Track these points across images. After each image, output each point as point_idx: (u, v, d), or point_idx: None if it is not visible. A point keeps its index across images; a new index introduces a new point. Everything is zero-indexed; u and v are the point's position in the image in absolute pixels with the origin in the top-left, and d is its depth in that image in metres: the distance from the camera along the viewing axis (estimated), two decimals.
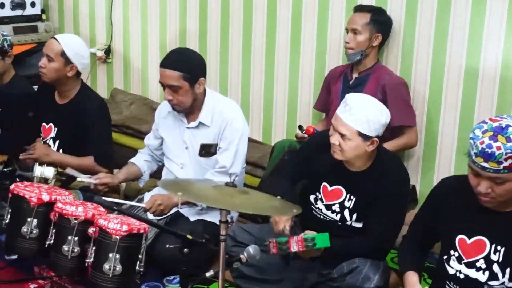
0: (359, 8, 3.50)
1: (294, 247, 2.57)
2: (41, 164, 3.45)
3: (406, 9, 3.58)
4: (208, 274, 2.39)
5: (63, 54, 3.51)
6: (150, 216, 3.15)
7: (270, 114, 4.17)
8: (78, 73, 3.61)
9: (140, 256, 2.78)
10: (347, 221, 2.76)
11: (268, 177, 3.38)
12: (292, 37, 3.99)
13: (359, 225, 2.75)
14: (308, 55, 3.96)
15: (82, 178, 3.34)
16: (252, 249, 2.40)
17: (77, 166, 3.51)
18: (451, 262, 2.33)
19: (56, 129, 3.66)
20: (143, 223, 2.77)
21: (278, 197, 2.55)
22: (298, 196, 3.03)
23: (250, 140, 3.96)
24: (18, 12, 4.85)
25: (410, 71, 3.63)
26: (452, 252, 2.33)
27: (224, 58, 4.29)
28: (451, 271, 2.33)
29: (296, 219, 2.84)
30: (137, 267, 2.77)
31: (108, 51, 4.83)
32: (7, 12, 4.79)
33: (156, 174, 3.55)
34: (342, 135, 2.61)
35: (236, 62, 4.24)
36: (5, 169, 3.47)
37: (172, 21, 4.48)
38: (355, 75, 3.53)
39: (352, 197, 2.74)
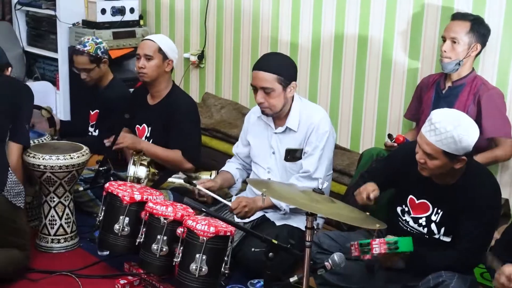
0: (459, 16, 3.38)
1: (376, 249, 2.49)
2: (134, 164, 3.58)
3: (505, 18, 3.47)
4: (292, 280, 2.40)
5: (160, 50, 3.64)
6: (235, 218, 3.19)
7: (359, 121, 4.14)
8: (171, 71, 3.73)
9: (225, 258, 2.83)
10: (434, 234, 2.70)
11: (355, 185, 3.35)
12: (384, 44, 3.95)
13: (448, 239, 2.68)
14: (400, 62, 3.90)
15: (185, 184, 3.42)
16: (337, 256, 2.39)
17: (165, 157, 3.61)
18: None
19: (149, 129, 3.79)
20: (230, 225, 2.82)
21: (367, 213, 2.53)
22: (385, 205, 3.00)
23: (338, 147, 3.95)
24: (118, 18, 5.04)
25: (506, 81, 3.51)
26: None
27: (315, 65, 4.29)
28: None
29: (382, 229, 2.80)
30: (222, 269, 2.82)
31: (201, 56, 4.93)
32: (107, 17, 4.99)
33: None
34: (427, 154, 2.55)
35: (326, 68, 4.24)
36: (101, 168, 3.60)
37: (264, 28, 4.53)
38: (448, 84, 3.44)
39: (439, 210, 2.68)
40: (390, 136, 3.43)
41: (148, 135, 3.78)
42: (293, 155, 3.15)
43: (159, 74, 3.68)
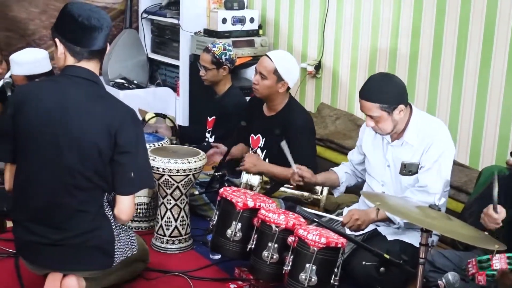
0: None
1: (497, 264, 2.36)
2: (248, 172, 3.64)
3: None
4: None
5: (275, 72, 3.65)
6: (347, 231, 3.17)
7: (480, 137, 3.99)
8: (287, 89, 3.74)
9: (335, 270, 2.81)
10: None
11: (474, 204, 3.23)
12: (509, 59, 3.79)
13: None
14: None
15: (294, 191, 3.45)
16: (451, 276, 2.32)
17: (283, 177, 3.64)
18: None
19: (264, 140, 3.83)
20: (341, 237, 2.80)
21: (486, 233, 2.44)
22: (506, 225, 2.87)
23: (456, 164, 3.83)
24: (238, 27, 5.15)
25: None
26: None
27: (434, 79, 4.18)
28: None
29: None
30: (332, 281, 2.80)
31: (318, 67, 4.94)
32: (228, 26, 5.12)
33: (356, 190, 3.56)
34: None
35: (447, 82, 4.12)
36: (216, 174, 3.68)
37: (383, 39, 4.47)
38: None
39: None
40: None
41: (262, 145, 3.83)
42: (409, 169, 3.08)
43: (271, 93, 3.71)
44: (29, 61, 3.93)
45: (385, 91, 3.05)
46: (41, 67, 3.96)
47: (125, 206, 2.73)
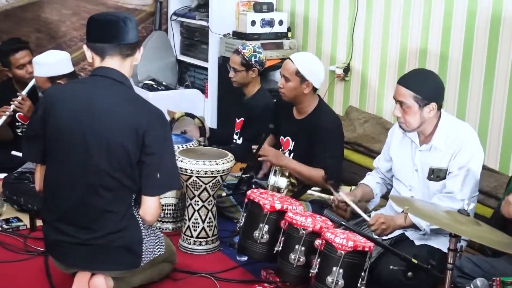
0: None
1: None
2: (275, 174, 3.64)
3: None
4: None
5: (297, 73, 3.66)
6: (373, 235, 3.15)
7: (510, 141, 3.94)
8: (314, 89, 3.74)
9: (362, 274, 2.80)
10: None
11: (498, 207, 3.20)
12: None
13: None
14: None
15: (321, 194, 3.44)
16: (480, 282, 2.30)
17: (307, 175, 3.63)
18: None
19: (293, 143, 3.83)
20: (369, 241, 2.79)
21: None
22: None
23: (486, 168, 3.79)
24: (267, 30, 5.16)
25: None
26: None
27: (464, 82, 4.14)
28: None
29: None
30: (359, 284, 2.79)
31: (346, 69, 4.92)
32: (257, 29, 5.13)
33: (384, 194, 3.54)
34: None
35: (477, 85, 4.07)
36: (244, 176, 3.69)
37: (413, 42, 4.44)
38: None
39: None
40: None
41: (291, 148, 3.83)
42: (437, 174, 3.06)
43: (296, 95, 3.71)
44: (50, 62, 3.96)
45: (424, 83, 3.06)
46: (62, 69, 3.98)
47: (150, 207, 2.76)
